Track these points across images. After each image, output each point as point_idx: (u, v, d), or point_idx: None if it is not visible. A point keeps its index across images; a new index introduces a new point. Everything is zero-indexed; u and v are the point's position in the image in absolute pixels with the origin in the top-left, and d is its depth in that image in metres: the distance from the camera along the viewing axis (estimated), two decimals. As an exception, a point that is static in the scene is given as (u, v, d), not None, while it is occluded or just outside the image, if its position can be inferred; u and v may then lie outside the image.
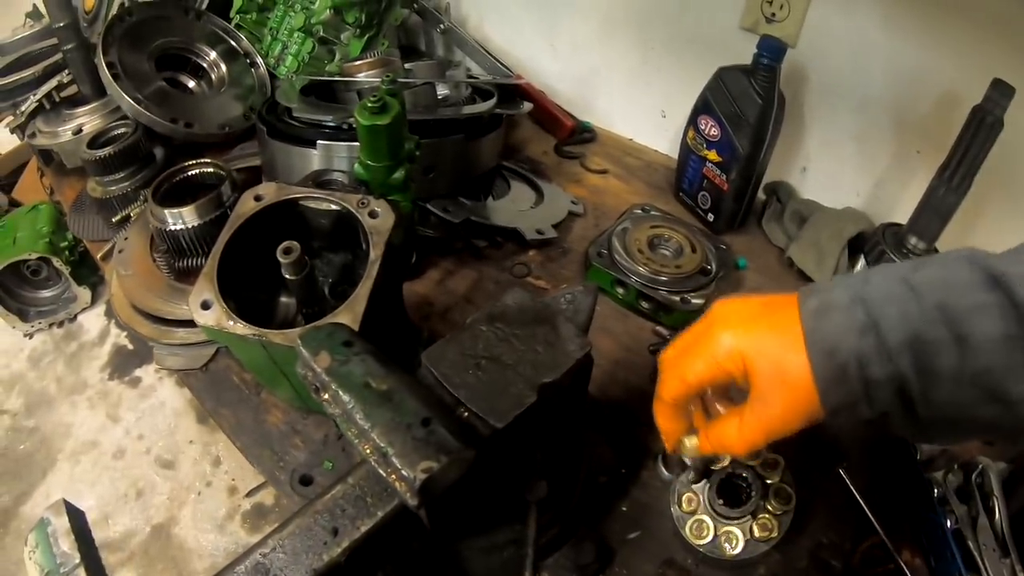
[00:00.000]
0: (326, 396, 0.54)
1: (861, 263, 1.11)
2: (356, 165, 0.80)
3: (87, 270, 2.30)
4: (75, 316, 2.41)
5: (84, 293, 2.33)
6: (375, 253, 0.74)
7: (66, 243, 2.22)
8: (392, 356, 0.63)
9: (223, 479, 2.02)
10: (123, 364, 2.32)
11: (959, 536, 0.73)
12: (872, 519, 0.81)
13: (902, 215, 1.03)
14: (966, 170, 0.92)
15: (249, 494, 1.97)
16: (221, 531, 1.93)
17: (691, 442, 0.63)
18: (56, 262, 2.19)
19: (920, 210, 1.00)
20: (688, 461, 0.66)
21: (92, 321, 2.42)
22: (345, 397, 0.52)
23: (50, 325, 2.39)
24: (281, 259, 0.76)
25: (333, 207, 0.80)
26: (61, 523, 0.61)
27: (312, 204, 0.81)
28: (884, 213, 1.17)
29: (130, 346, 2.33)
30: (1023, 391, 0.47)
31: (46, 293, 2.38)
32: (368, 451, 0.50)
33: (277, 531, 0.55)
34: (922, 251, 1.02)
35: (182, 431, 2.14)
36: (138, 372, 2.30)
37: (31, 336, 2.40)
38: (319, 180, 0.88)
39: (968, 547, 0.73)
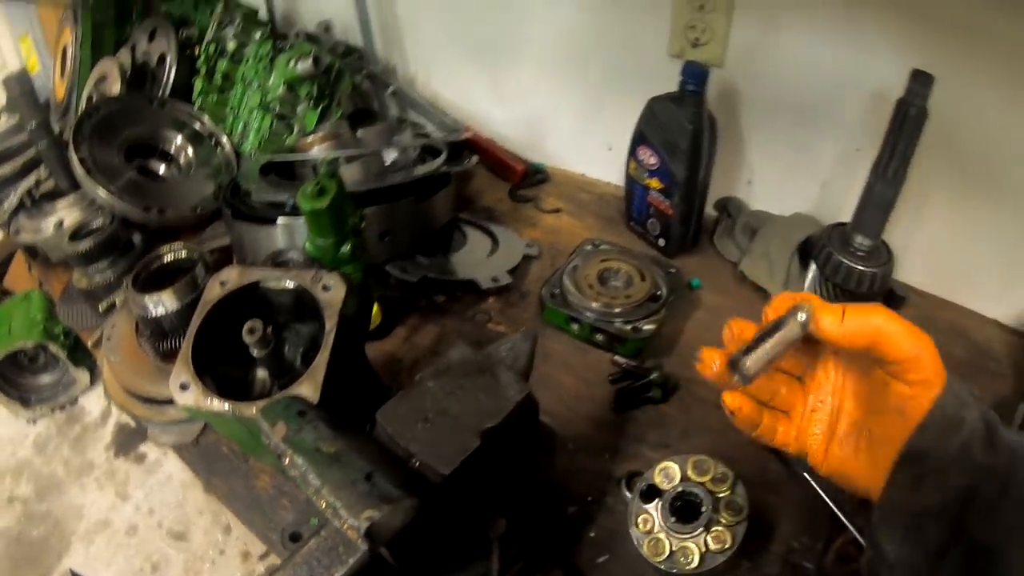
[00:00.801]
0: (286, 461, 0.60)
1: (812, 269, 1.12)
2: (306, 244, 0.86)
3: (83, 352, 2.33)
4: (76, 399, 2.45)
5: (83, 375, 2.37)
6: (329, 324, 0.80)
7: (60, 328, 2.26)
8: (362, 415, 0.69)
9: (235, 545, 2.06)
10: (127, 442, 2.37)
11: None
12: (842, 517, 0.83)
13: (850, 214, 1.05)
14: (899, 162, 0.94)
15: (263, 557, 2.01)
16: (238, 596, 1.97)
17: (808, 306, 0.53)
18: (52, 348, 2.23)
19: (861, 207, 1.02)
20: (786, 324, 0.54)
21: (93, 402, 2.46)
22: (299, 461, 0.58)
23: (52, 410, 2.42)
24: (246, 339, 0.82)
25: (291, 285, 0.86)
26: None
27: (272, 284, 0.87)
28: (834, 214, 1.19)
29: (132, 424, 2.37)
30: None
31: (45, 379, 2.42)
32: (324, 506, 0.56)
33: (260, 584, 0.61)
34: (868, 248, 1.03)
35: (191, 502, 2.17)
36: (142, 448, 2.34)
37: (35, 422, 2.44)
38: (277, 260, 0.94)
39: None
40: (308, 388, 0.76)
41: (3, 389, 2.30)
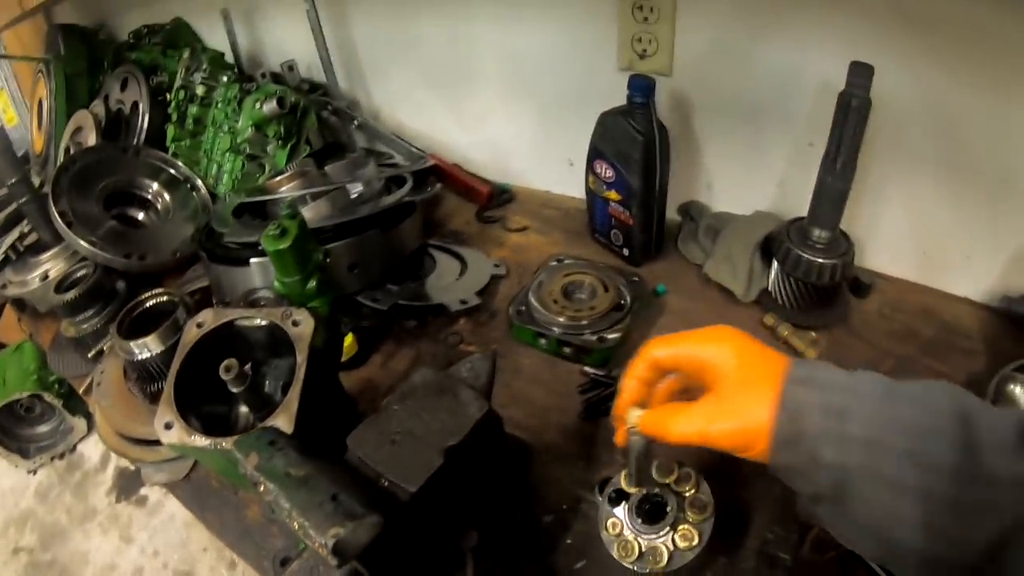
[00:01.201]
0: (262, 488, 0.64)
1: (775, 266, 1.15)
2: (275, 282, 0.90)
3: (78, 400, 2.34)
4: (74, 446, 2.46)
5: (79, 423, 2.38)
6: (300, 358, 0.84)
7: (54, 377, 2.28)
8: (339, 442, 0.73)
9: (240, 580, 2.09)
10: (128, 485, 2.38)
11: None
12: (816, 507, 0.86)
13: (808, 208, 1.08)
14: (847, 155, 0.96)
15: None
16: (246, 630, 1.98)
17: (635, 413, 0.67)
18: (48, 397, 2.25)
19: (815, 201, 1.05)
20: (630, 446, 0.70)
21: (91, 448, 2.47)
22: (271, 486, 0.62)
23: (52, 459, 2.43)
24: (223, 376, 0.86)
25: (263, 322, 0.90)
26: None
27: (245, 323, 0.91)
28: (795, 209, 1.19)
29: (132, 467, 2.39)
30: (954, 524, 0.49)
31: (43, 428, 2.43)
32: (296, 528, 0.60)
33: (251, 606, 0.65)
34: (826, 240, 1.07)
35: (194, 541, 2.19)
36: (143, 491, 2.35)
37: (35, 472, 2.45)
38: (249, 299, 0.98)
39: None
40: (283, 420, 0.80)
41: (2, 441, 2.32)
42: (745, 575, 0.85)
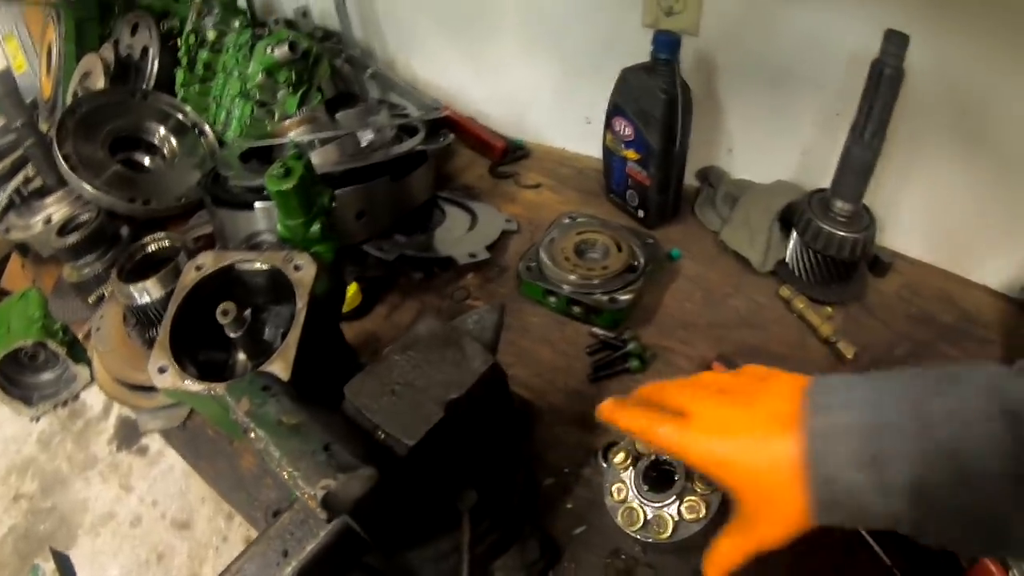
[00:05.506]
0: (252, 435, 0.61)
1: (794, 236, 1.12)
2: (278, 225, 0.87)
3: (82, 348, 2.36)
4: (77, 394, 2.47)
5: (83, 371, 2.39)
6: (300, 303, 0.81)
7: (59, 325, 2.28)
8: (337, 393, 0.70)
9: (238, 531, 2.08)
10: (129, 435, 2.39)
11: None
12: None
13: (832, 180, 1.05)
14: (876, 125, 0.93)
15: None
16: (243, 581, 1.99)
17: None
18: (51, 345, 2.25)
19: (840, 172, 1.02)
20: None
21: (94, 397, 2.49)
22: (261, 433, 0.59)
23: (54, 406, 2.45)
24: (220, 320, 0.83)
25: (264, 267, 0.87)
26: (49, 567, 0.68)
27: (246, 266, 0.88)
28: (817, 180, 1.16)
29: (133, 416, 2.40)
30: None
31: (46, 376, 2.44)
32: (286, 477, 0.57)
33: (238, 559, 0.62)
34: (848, 213, 1.04)
35: (193, 491, 2.20)
36: (144, 440, 2.37)
37: (37, 420, 2.47)
38: (251, 243, 0.95)
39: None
40: (279, 366, 0.77)
41: (5, 389, 2.33)
42: (747, 552, 0.83)
